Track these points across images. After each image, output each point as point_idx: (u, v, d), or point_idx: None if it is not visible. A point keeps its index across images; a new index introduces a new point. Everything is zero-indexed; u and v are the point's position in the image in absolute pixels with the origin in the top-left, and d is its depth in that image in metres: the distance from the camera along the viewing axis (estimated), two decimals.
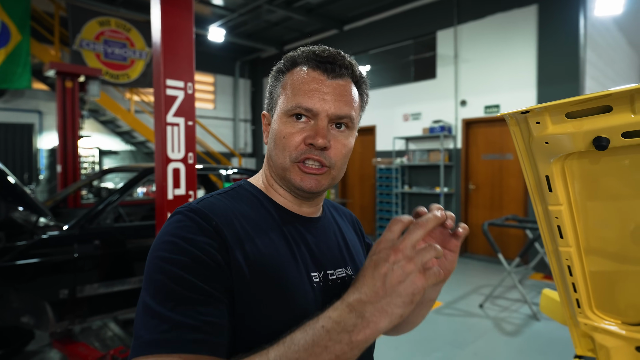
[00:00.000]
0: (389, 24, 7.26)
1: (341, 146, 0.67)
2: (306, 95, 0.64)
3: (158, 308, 0.52)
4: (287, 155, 0.65)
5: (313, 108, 0.64)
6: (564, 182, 0.75)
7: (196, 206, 0.62)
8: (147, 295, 0.54)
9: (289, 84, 0.67)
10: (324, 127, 0.64)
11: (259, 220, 0.65)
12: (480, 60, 6.01)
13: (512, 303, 4.26)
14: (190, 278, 0.54)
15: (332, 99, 0.65)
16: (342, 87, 0.66)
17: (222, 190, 0.70)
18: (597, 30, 5.70)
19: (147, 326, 0.51)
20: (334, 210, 0.83)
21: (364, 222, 7.83)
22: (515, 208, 5.82)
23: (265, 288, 0.59)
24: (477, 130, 6.21)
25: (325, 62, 0.66)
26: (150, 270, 0.56)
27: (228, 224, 0.61)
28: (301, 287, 0.62)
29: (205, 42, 8.66)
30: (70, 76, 4.80)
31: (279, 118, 0.67)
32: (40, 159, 7.53)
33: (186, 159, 2.44)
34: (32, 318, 2.52)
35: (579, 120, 0.61)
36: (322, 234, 0.73)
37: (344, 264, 0.72)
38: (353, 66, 0.68)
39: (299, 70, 0.67)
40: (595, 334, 1.03)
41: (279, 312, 0.59)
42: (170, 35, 2.38)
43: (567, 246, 0.87)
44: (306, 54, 0.67)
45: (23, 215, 2.83)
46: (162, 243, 0.57)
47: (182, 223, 0.59)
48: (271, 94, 0.71)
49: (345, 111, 0.65)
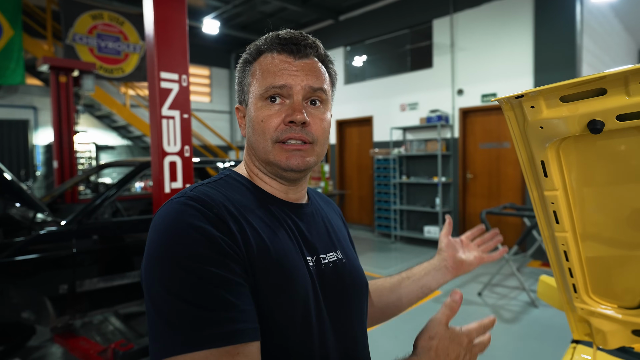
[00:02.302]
0: (384, 13, 7.19)
1: (319, 121, 0.67)
2: (277, 75, 0.65)
3: (190, 305, 0.50)
4: (268, 139, 0.65)
5: (286, 84, 0.65)
6: (559, 167, 0.75)
7: (192, 194, 0.60)
8: (171, 295, 0.51)
9: (257, 70, 0.68)
10: (300, 102, 0.65)
11: (252, 206, 0.65)
12: (477, 48, 5.98)
13: (510, 291, 4.30)
14: (216, 270, 0.53)
15: (302, 74, 0.66)
16: (309, 64, 0.67)
17: (209, 180, 0.68)
18: (593, 17, 5.67)
19: (182, 325, 0.50)
20: (318, 197, 0.85)
21: (362, 213, 7.85)
22: (512, 196, 5.84)
23: (270, 270, 0.59)
24: (474, 119, 6.20)
25: (289, 43, 0.66)
26: (169, 267, 0.53)
27: (227, 210, 0.60)
28: (300, 269, 0.63)
29: (200, 34, 8.57)
30: (64, 71, 4.75)
31: (254, 104, 0.67)
32: (37, 155, 7.49)
33: (182, 152, 2.43)
34: (32, 313, 2.52)
35: (574, 103, 0.61)
36: (311, 219, 0.73)
37: (333, 249, 0.73)
38: (317, 45, 0.69)
39: (265, 56, 0.68)
40: (591, 319, 1.04)
41: (284, 293, 0.59)
42: (163, 27, 2.35)
43: (563, 231, 0.87)
44: (270, 40, 0.68)
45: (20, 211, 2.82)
46: (173, 237, 0.54)
47: (184, 210, 0.56)
48: (241, 85, 0.71)
49: (317, 83, 0.67)
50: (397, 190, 6.86)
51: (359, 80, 7.81)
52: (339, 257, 0.72)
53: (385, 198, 7.04)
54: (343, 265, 0.72)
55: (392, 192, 6.87)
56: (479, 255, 0.99)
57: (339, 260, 0.72)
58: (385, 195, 7.04)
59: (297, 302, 0.60)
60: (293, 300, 0.60)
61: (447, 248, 0.98)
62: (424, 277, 0.95)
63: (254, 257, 0.58)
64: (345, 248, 0.77)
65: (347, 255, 0.75)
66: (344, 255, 0.74)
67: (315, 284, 0.65)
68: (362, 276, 0.77)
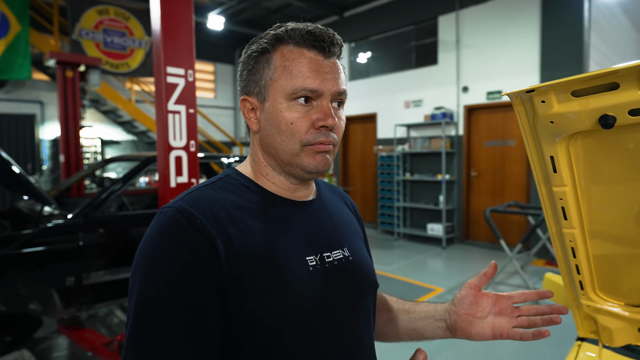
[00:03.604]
0: (389, 10, 7.16)
1: (341, 123, 0.68)
2: (309, 76, 0.63)
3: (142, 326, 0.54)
4: (297, 141, 0.64)
5: (319, 89, 0.63)
6: (569, 162, 0.75)
7: (181, 204, 0.60)
8: (132, 306, 0.56)
9: (280, 64, 0.64)
10: (330, 107, 0.64)
11: (248, 208, 0.64)
12: (483, 45, 5.94)
13: (513, 289, 4.29)
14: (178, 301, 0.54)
15: (331, 78, 0.64)
16: (335, 65, 0.66)
17: (209, 181, 0.67)
18: (601, 14, 5.61)
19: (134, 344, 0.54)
20: (328, 190, 0.82)
21: (366, 210, 7.84)
22: (517, 194, 5.82)
23: (257, 275, 0.58)
24: (479, 117, 6.17)
25: (322, 40, 0.64)
26: (137, 280, 0.57)
27: (214, 218, 0.59)
28: (294, 272, 0.61)
29: (205, 30, 8.57)
30: (70, 65, 4.77)
31: (279, 102, 0.64)
32: (43, 149, 7.54)
33: (188, 146, 2.44)
34: (39, 305, 2.55)
35: (585, 98, 0.60)
36: (316, 216, 0.71)
37: (339, 246, 0.71)
38: (341, 43, 0.68)
39: (292, 49, 0.64)
40: (598, 316, 1.04)
41: (273, 297, 0.58)
42: (170, 22, 2.36)
43: (571, 228, 0.87)
44: (299, 33, 0.64)
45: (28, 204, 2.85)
46: (147, 255, 0.57)
47: (166, 229, 0.58)
48: (254, 75, 0.66)
49: (343, 87, 0.66)
50: (401, 187, 6.85)
51: (363, 77, 7.79)
52: (345, 255, 0.70)
53: (388, 195, 7.03)
54: (350, 263, 0.70)
55: (396, 190, 6.86)
56: (501, 328, 0.75)
57: (345, 258, 0.70)
58: (388, 192, 7.03)
59: (291, 304, 0.59)
60: (286, 303, 0.59)
61: (461, 301, 0.77)
62: (420, 321, 0.83)
63: (238, 265, 0.57)
64: (354, 244, 0.75)
65: (356, 252, 0.73)
66: (351, 252, 0.72)
67: (315, 285, 0.63)
68: (370, 274, 0.75)
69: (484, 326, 0.75)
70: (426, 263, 5.47)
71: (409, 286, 4.43)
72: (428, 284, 4.50)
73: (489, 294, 0.77)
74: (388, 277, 4.72)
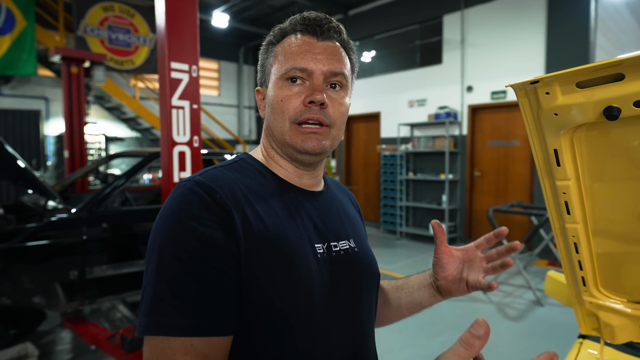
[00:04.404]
0: (394, 8, 7.14)
1: (338, 104, 0.67)
2: (299, 57, 0.65)
3: (164, 290, 0.53)
4: (286, 119, 0.66)
5: (307, 67, 0.65)
6: (573, 155, 0.75)
7: (200, 178, 0.61)
8: (153, 274, 0.55)
9: (280, 52, 0.68)
10: (320, 84, 0.66)
11: (262, 192, 0.65)
12: (488, 45, 5.91)
13: (516, 289, 4.28)
14: (195, 261, 0.54)
15: (324, 58, 0.66)
16: (331, 47, 0.68)
17: (224, 163, 0.69)
18: (608, 14, 5.57)
19: (153, 306, 0.53)
20: (335, 186, 0.84)
21: (368, 209, 7.84)
22: (520, 195, 5.79)
23: (270, 257, 0.59)
24: (483, 117, 6.15)
25: (314, 24, 0.67)
26: (157, 247, 0.56)
27: (232, 195, 0.60)
28: (304, 257, 0.63)
29: (209, 27, 8.58)
30: (75, 62, 4.79)
31: (275, 84, 0.67)
32: (48, 145, 7.58)
33: (191, 142, 2.45)
34: (43, 298, 2.57)
35: (590, 89, 0.60)
36: (324, 207, 0.73)
37: (346, 237, 0.73)
38: (341, 29, 0.70)
39: (288, 38, 0.68)
40: (600, 313, 1.04)
41: (284, 280, 0.59)
42: (174, 17, 2.36)
43: (574, 223, 0.86)
44: (294, 21, 0.69)
45: (32, 198, 2.86)
46: (167, 221, 0.57)
47: (186, 197, 0.58)
48: (263, 67, 0.72)
49: (339, 68, 0.67)
50: (404, 186, 6.84)
51: (367, 76, 7.78)
52: (351, 246, 0.72)
53: (391, 194, 7.02)
54: (355, 254, 0.72)
55: (399, 189, 6.85)
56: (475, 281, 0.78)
57: (351, 249, 0.71)
58: (391, 191, 7.03)
59: (299, 289, 0.60)
60: (294, 288, 0.60)
61: (436, 266, 0.80)
62: (415, 292, 0.85)
63: (253, 244, 0.58)
64: (358, 237, 0.76)
65: (360, 244, 0.75)
66: (356, 244, 0.74)
67: (323, 272, 0.64)
68: (374, 266, 0.77)
69: (461, 284, 0.80)
70: (428, 262, 5.45)
71: None
72: None
73: (456, 252, 0.80)
74: (390, 275, 4.72)
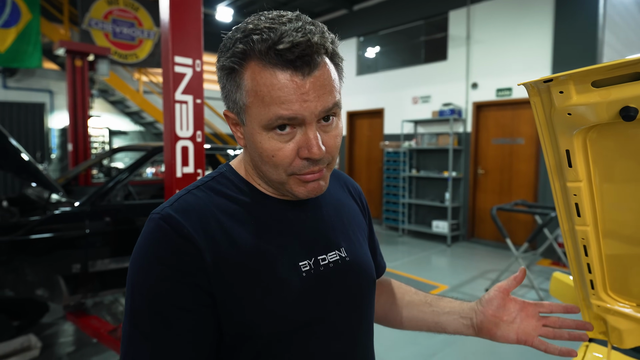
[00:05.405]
0: (399, 4, 7.08)
1: (333, 138, 0.59)
2: (284, 103, 0.53)
3: (137, 335, 0.55)
4: (282, 172, 0.58)
5: (297, 115, 0.53)
6: (585, 157, 0.73)
7: (168, 211, 0.58)
8: (127, 315, 0.57)
9: (254, 91, 0.54)
10: (315, 135, 0.55)
11: (238, 213, 0.61)
12: (493, 41, 5.86)
13: (518, 288, 4.26)
14: (167, 305, 0.54)
15: (314, 97, 0.54)
16: (320, 77, 0.54)
17: (201, 181, 0.65)
18: (616, 11, 5.50)
19: (127, 349, 0.56)
20: (331, 178, 0.75)
21: (371, 206, 7.82)
22: (524, 193, 5.76)
23: (242, 286, 0.57)
24: (487, 114, 6.10)
25: (298, 58, 0.51)
26: (130, 286, 0.57)
27: (202, 226, 0.57)
28: (285, 280, 0.60)
29: (214, 22, 8.54)
30: (79, 55, 4.79)
31: (258, 133, 0.56)
32: (52, 138, 7.60)
33: (195, 137, 2.44)
34: (46, 291, 2.58)
35: (606, 89, 0.58)
36: (310, 216, 0.67)
37: (336, 246, 0.68)
38: (325, 44, 0.54)
39: (262, 69, 0.53)
40: (608, 316, 1.02)
41: (254, 308, 0.58)
42: (178, 11, 2.34)
43: (584, 225, 0.85)
44: (265, 49, 0.52)
45: (36, 191, 2.87)
46: (138, 263, 0.57)
47: (154, 236, 0.57)
48: (230, 93, 0.58)
49: (331, 101, 0.56)
50: (407, 183, 6.82)
51: (371, 72, 7.73)
52: (341, 256, 0.68)
53: (394, 191, 7.00)
54: (346, 264, 0.68)
55: (402, 186, 6.83)
56: (527, 335, 0.75)
57: (341, 259, 0.67)
58: (394, 188, 7.00)
59: (281, 313, 0.59)
60: (277, 310, 0.58)
61: (489, 302, 0.77)
62: (444, 315, 0.82)
63: (225, 274, 0.56)
64: (352, 242, 0.71)
65: (353, 251, 0.70)
66: (348, 252, 0.69)
67: (309, 290, 0.62)
68: (368, 271, 0.72)
69: (509, 330, 0.76)
70: (430, 260, 5.45)
71: (413, 283, 4.41)
72: (432, 280, 4.48)
73: (516, 300, 0.78)
74: (392, 273, 4.71)
